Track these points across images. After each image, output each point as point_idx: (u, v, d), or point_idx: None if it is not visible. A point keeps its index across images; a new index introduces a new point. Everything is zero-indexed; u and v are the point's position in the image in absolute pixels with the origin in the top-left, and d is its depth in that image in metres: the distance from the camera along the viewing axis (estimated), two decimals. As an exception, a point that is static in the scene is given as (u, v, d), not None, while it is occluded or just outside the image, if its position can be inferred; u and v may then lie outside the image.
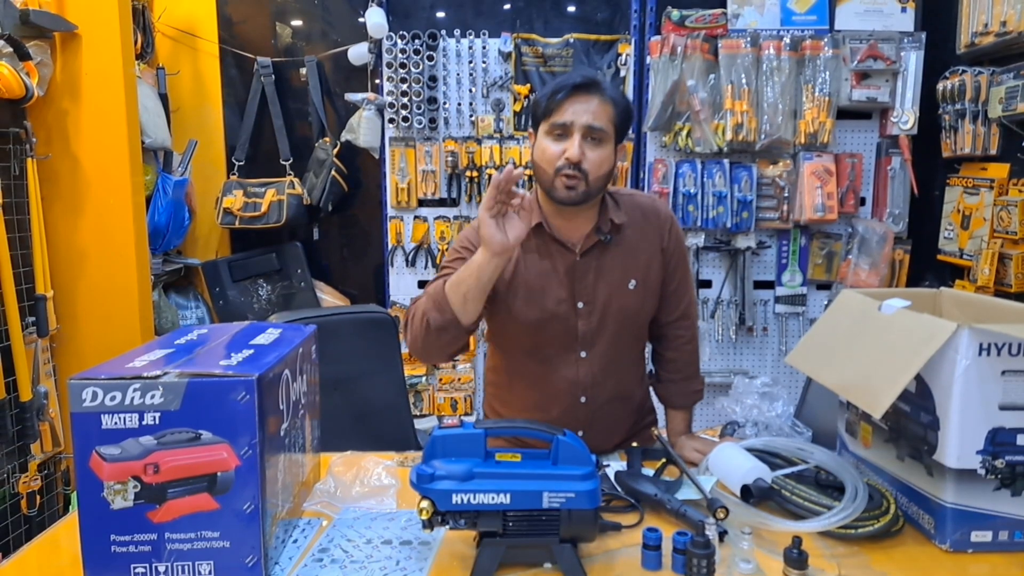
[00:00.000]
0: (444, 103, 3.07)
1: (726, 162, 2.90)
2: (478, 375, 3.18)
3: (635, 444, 1.49)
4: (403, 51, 3.00)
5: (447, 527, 1.06)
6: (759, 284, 3.04)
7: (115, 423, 0.96)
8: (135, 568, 0.99)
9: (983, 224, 2.45)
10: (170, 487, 0.98)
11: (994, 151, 2.44)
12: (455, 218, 3.12)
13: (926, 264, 2.86)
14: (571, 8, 3.12)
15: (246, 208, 3.05)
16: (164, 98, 2.96)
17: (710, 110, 2.84)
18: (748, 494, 1.23)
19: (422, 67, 3.00)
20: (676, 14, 2.86)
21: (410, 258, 3.14)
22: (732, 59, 2.81)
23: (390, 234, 3.14)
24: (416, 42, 2.99)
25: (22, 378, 2.23)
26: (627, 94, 3.01)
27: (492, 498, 1.03)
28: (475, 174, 3.06)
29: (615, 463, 1.46)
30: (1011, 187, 2.37)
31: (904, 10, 2.84)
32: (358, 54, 3.06)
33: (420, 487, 1.04)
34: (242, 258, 3.22)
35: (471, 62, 3.03)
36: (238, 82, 3.20)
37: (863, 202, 2.97)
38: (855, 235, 2.91)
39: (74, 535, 1.00)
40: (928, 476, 1.15)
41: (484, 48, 3.03)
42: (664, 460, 1.42)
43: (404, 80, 3.01)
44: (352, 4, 3.15)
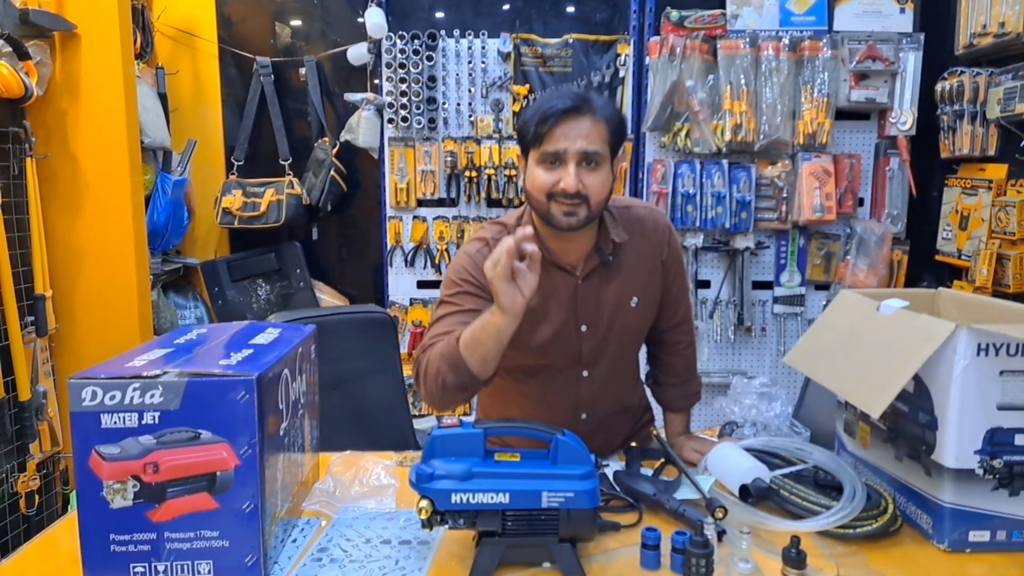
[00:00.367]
0: (443, 103, 3.07)
1: (725, 162, 2.90)
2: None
3: (634, 444, 1.49)
4: (402, 51, 3.00)
5: (446, 527, 1.06)
6: (758, 284, 3.05)
7: (114, 422, 0.96)
8: (134, 567, 0.99)
9: (981, 225, 2.45)
10: (169, 486, 0.98)
11: (992, 152, 2.44)
12: (454, 218, 3.12)
13: (924, 264, 2.87)
14: (570, 8, 3.12)
15: (245, 208, 3.05)
16: (163, 98, 2.95)
17: (709, 110, 2.84)
18: (747, 494, 1.23)
19: (421, 67, 3.00)
20: (675, 15, 2.87)
21: (409, 258, 3.14)
22: (731, 60, 2.81)
23: (389, 234, 3.14)
24: (415, 42, 2.99)
25: (21, 378, 2.23)
26: (626, 94, 3.01)
27: (491, 498, 1.03)
28: (474, 174, 3.06)
29: (614, 463, 1.47)
30: (1009, 188, 2.37)
31: (903, 11, 2.84)
32: (357, 54, 3.06)
33: (419, 486, 1.04)
34: (241, 258, 3.22)
35: (470, 62, 3.03)
36: (237, 82, 3.20)
37: (861, 203, 2.97)
38: (853, 236, 2.92)
39: (73, 535, 1.00)
40: (926, 476, 1.15)
41: (483, 48, 3.04)
42: (663, 460, 1.43)
43: (403, 80, 3.01)
44: (351, 4, 3.15)
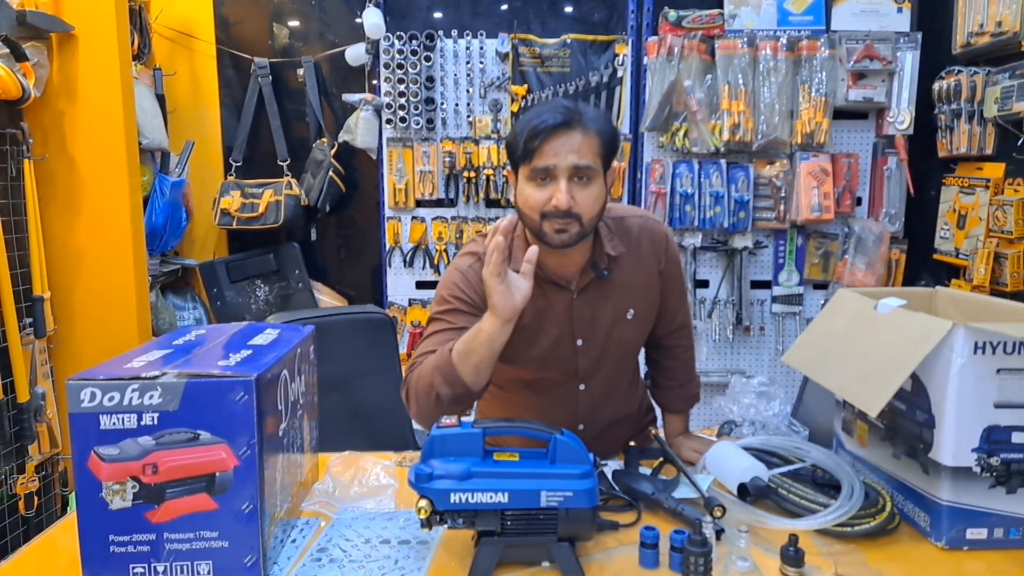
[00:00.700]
0: (441, 104, 3.07)
1: (723, 162, 2.90)
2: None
3: (632, 444, 1.50)
4: (400, 52, 3.01)
5: (445, 526, 1.06)
6: (756, 284, 3.05)
7: (113, 423, 0.96)
8: (134, 568, 0.99)
9: (979, 224, 2.46)
10: (169, 487, 0.98)
11: (990, 151, 2.45)
12: (452, 218, 3.12)
13: (922, 263, 2.87)
14: (568, 9, 3.13)
15: (243, 209, 3.05)
16: (161, 99, 2.96)
17: (707, 110, 2.84)
18: (745, 492, 1.24)
19: (419, 68, 3.00)
20: (673, 15, 2.87)
21: (408, 259, 3.15)
22: (729, 59, 2.81)
23: (388, 235, 3.14)
24: (413, 43, 3.00)
25: (19, 379, 2.23)
26: (624, 94, 3.02)
27: (490, 497, 1.03)
28: (473, 175, 3.06)
29: (612, 462, 1.47)
30: (1007, 187, 2.38)
31: (900, 10, 2.85)
32: (355, 55, 3.06)
33: (418, 486, 1.04)
34: (239, 259, 3.22)
35: (468, 63, 3.03)
36: (235, 83, 3.20)
37: (859, 202, 2.97)
38: (851, 235, 2.92)
39: (72, 536, 1.00)
40: (924, 474, 1.15)
41: (481, 49, 3.04)
42: (661, 459, 1.43)
43: (401, 81, 3.01)
44: (349, 5, 3.15)
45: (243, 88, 3.17)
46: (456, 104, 3.07)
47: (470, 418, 1.14)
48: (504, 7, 3.12)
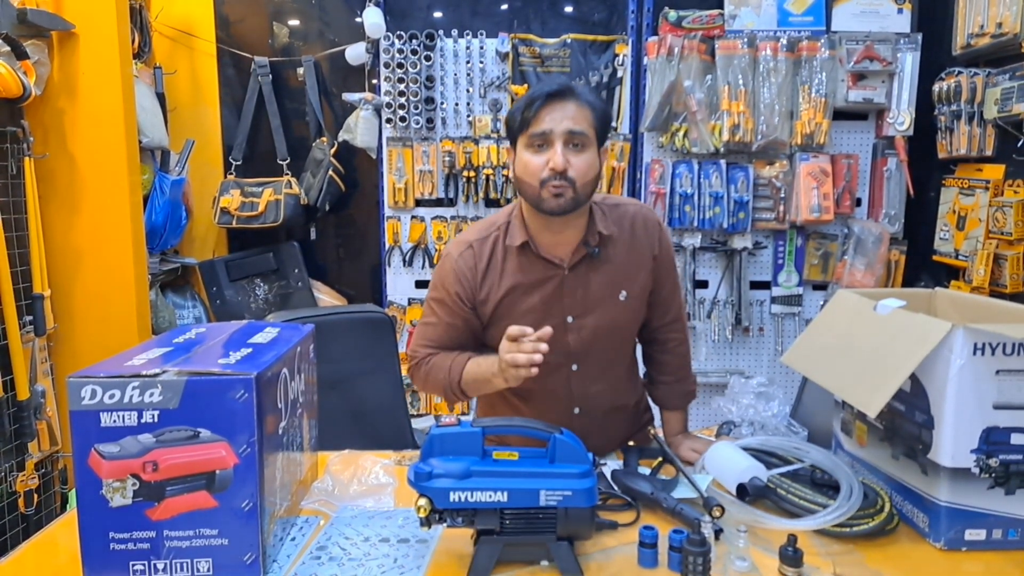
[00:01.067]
0: (441, 103, 3.07)
1: (723, 163, 2.91)
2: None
3: (632, 443, 1.50)
4: (400, 51, 3.00)
5: (444, 525, 1.06)
6: (755, 284, 3.05)
7: (114, 421, 0.97)
8: (134, 565, 1.00)
9: (978, 225, 2.46)
10: (169, 485, 0.99)
11: (990, 152, 2.45)
12: (452, 218, 3.12)
13: (921, 265, 2.87)
14: (568, 9, 3.13)
15: (243, 208, 3.05)
16: (161, 97, 2.96)
17: (707, 111, 2.84)
18: (744, 492, 1.24)
19: (419, 67, 3.00)
20: (673, 15, 2.87)
21: (407, 258, 3.15)
22: (729, 60, 2.81)
23: (387, 234, 3.14)
24: (413, 42, 2.99)
25: (19, 377, 2.23)
26: (624, 94, 3.02)
27: (489, 496, 1.04)
28: (472, 174, 3.06)
29: (612, 462, 1.47)
30: (1006, 188, 2.38)
31: (900, 11, 2.85)
32: (355, 54, 3.06)
33: (418, 485, 1.04)
34: (239, 258, 3.22)
35: (468, 62, 3.03)
36: (235, 82, 3.20)
37: (859, 203, 2.97)
38: (851, 236, 2.92)
39: (72, 533, 1.00)
40: (922, 475, 1.15)
41: (481, 48, 3.04)
42: (660, 459, 1.43)
43: (401, 80, 3.01)
44: (349, 4, 3.15)
45: (243, 87, 3.17)
46: (456, 104, 3.07)
47: (470, 417, 1.14)
48: (504, 7, 3.12)
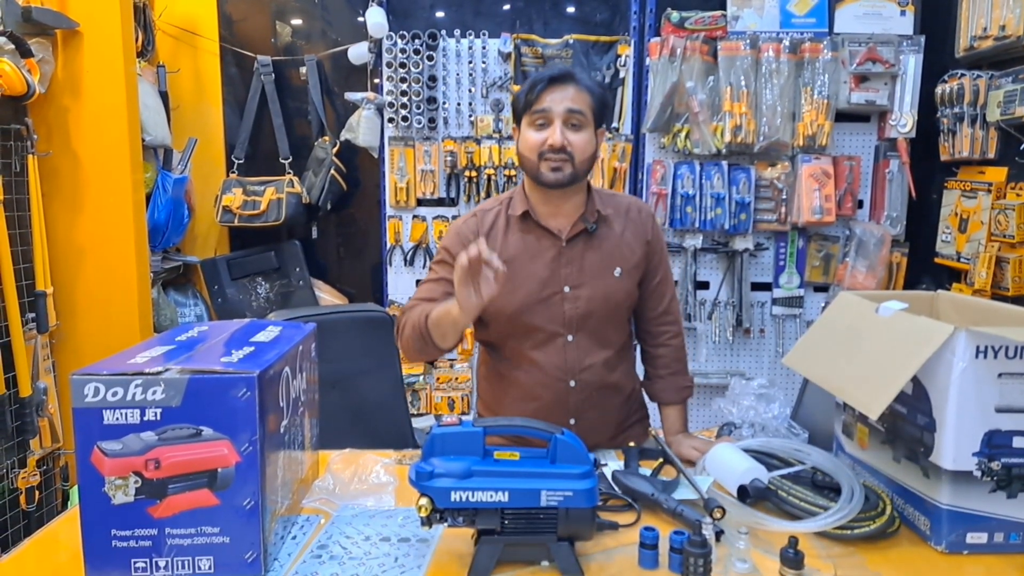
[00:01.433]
0: (443, 103, 3.07)
1: (724, 164, 2.91)
2: (475, 375, 3.18)
3: (632, 444, 1.50)
4: (403, 51, 3.01)
5: (445, 524, 1.06)
6: (756, 286, 3.05)
7: (116, 419, 0.97)
8: (135, 563, 1.00)
9: (980, 227, 2.46)
10: (171, 483, 0.99)
11: (992, 155, 2.45)
12: (454, 218, 3.12)
13: (923, 267, 2.87)
14: (571, 9, 3.13)
15: (245, 206, 3.05)
16: (164, 96, 2.96)
17: (709, 112, 2.84)
18: (745, 494, 1.24)
19: (422, 67, 3.01)
20: (675, 16, 2.87)
21: (408, 257, 3.15)
22: (731, 61, 2.81)
23: (388, 233, 3.14)
24: (416, 42, 3.00)
25: (22, 374, 2.23)
26: (626, 95, 3.02)
27: (490, 496, 1.04)
28: (474, 174, 3.06)
29: (612, 462, 1.47)
30: (1009, 191, 2.38)
31: (903, 13, 2.84)
32: (358, 53, 3.06)
33: (419, 484, 1.05)
34: (241, 256, 3.22)
35: (471, 62, 3.04)
36: (238, 80, 3.20)
37: (861, 205, 2.97)
38: (853, 238, 2.92)
39: (73, 530, 1.00)
40: (924, 478, 1.15)
41: (484, 48, 3.04)
42: (661, 460, 1.43)
43: (404, 80, 3.02)
44: (352, 4, 3.15)
45: (246, 86, 3.17)
46: (458, 103, 3.07)
47: (470, 417, 1.14)
48: (507, 7, 3.12)
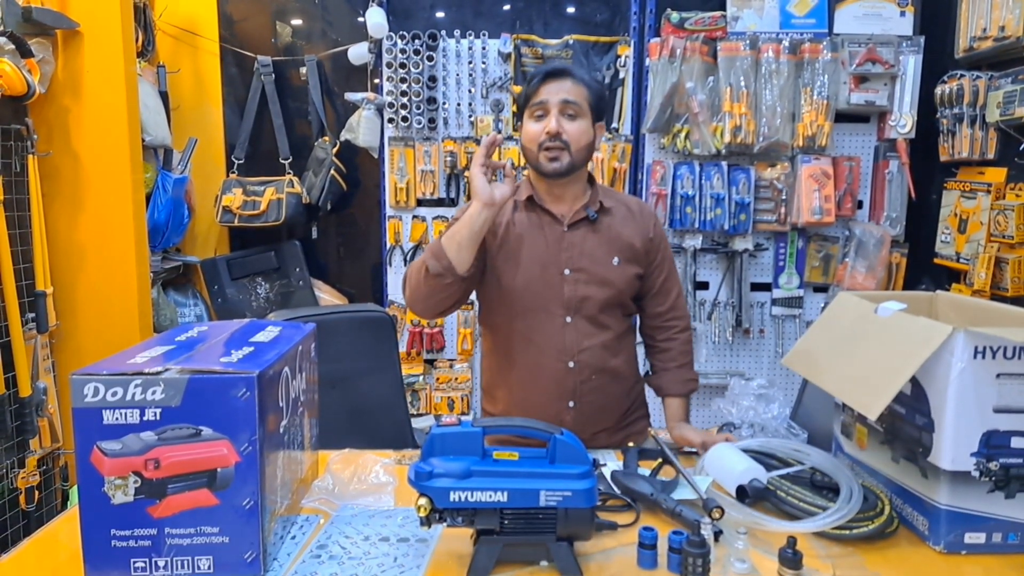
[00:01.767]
0: (443, 103, 3.07)
1: (724, 164, 2.91)
2: (475, 375, 3.18)
3: (631, 444, 1.50)
4: (403, 51, 3.01)
5: (444, 524, 1.06)
6: (756, 286, 3.05)
7: (116, 418, 0.97)
8: (135, 562, 1.00)
9: (980, 228, 2.46)
10: (170, 482, 0.99)
11: (991, 155, 2.45)
12: (453, 218, 3.11)
13: (923, 267, 2.87)
14: (571, 9, 3.13)
15: (245, 206, 3.05)
16: (164, 96, 2.96)
17: (709, 112, 2.85)
18: (744, 494, 1.24)
19: (422, 67, 3.01)
20: (675, 16, 2.87)
21: (408, 257, 3.15)
22: (731, 62, 2.81)
23: (388, 233, 3.14)
24: (416, 42, 3.00)
25: (21, 374, 2.23)
26: (626, 95, 3.02)
27: (489, 496, 1.04)
28: (474, 174, 3.06)
29: (612, 462, 1.47)
30: (1008, 191, 2.38)
31: (903, 14, 2.85)
32: (358, 54, 3.06)
33: (418, 484, 1.05)
34: (241, 256, 3.22)
35: (471, 63, 3.04)
36: (238, 81, 3.20)
37: (860, 205, 2.97)
38: (852, 238, 2.92)
39: (73, 530, 1.00)
40: (922, 478, 1.16)
41: (484, 49, 3.04)
42: (660, 460, 1.43)
43: (404, 80, 3.02)
44: (352, 4, 3.15)
45: (246, 86, 3.18)
46: (458, 104, 3.08)
47: (470, 417, 1.14)
48: (507, 7, 3.13)
